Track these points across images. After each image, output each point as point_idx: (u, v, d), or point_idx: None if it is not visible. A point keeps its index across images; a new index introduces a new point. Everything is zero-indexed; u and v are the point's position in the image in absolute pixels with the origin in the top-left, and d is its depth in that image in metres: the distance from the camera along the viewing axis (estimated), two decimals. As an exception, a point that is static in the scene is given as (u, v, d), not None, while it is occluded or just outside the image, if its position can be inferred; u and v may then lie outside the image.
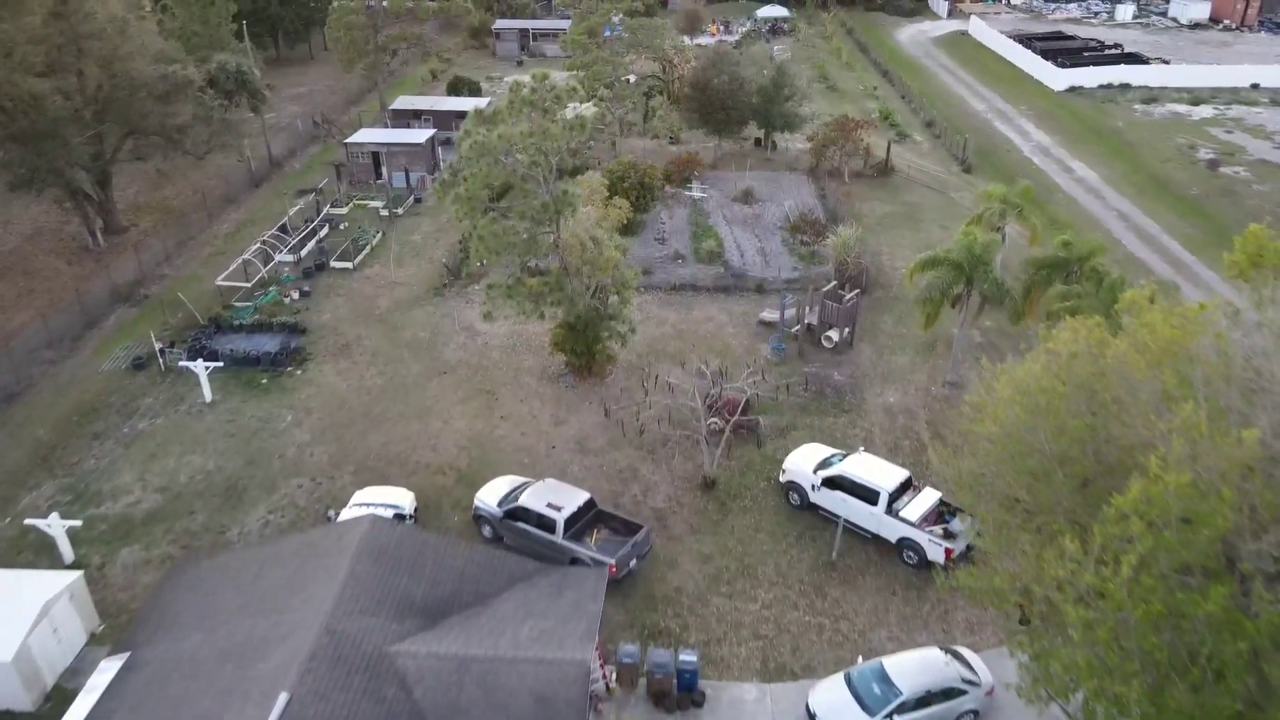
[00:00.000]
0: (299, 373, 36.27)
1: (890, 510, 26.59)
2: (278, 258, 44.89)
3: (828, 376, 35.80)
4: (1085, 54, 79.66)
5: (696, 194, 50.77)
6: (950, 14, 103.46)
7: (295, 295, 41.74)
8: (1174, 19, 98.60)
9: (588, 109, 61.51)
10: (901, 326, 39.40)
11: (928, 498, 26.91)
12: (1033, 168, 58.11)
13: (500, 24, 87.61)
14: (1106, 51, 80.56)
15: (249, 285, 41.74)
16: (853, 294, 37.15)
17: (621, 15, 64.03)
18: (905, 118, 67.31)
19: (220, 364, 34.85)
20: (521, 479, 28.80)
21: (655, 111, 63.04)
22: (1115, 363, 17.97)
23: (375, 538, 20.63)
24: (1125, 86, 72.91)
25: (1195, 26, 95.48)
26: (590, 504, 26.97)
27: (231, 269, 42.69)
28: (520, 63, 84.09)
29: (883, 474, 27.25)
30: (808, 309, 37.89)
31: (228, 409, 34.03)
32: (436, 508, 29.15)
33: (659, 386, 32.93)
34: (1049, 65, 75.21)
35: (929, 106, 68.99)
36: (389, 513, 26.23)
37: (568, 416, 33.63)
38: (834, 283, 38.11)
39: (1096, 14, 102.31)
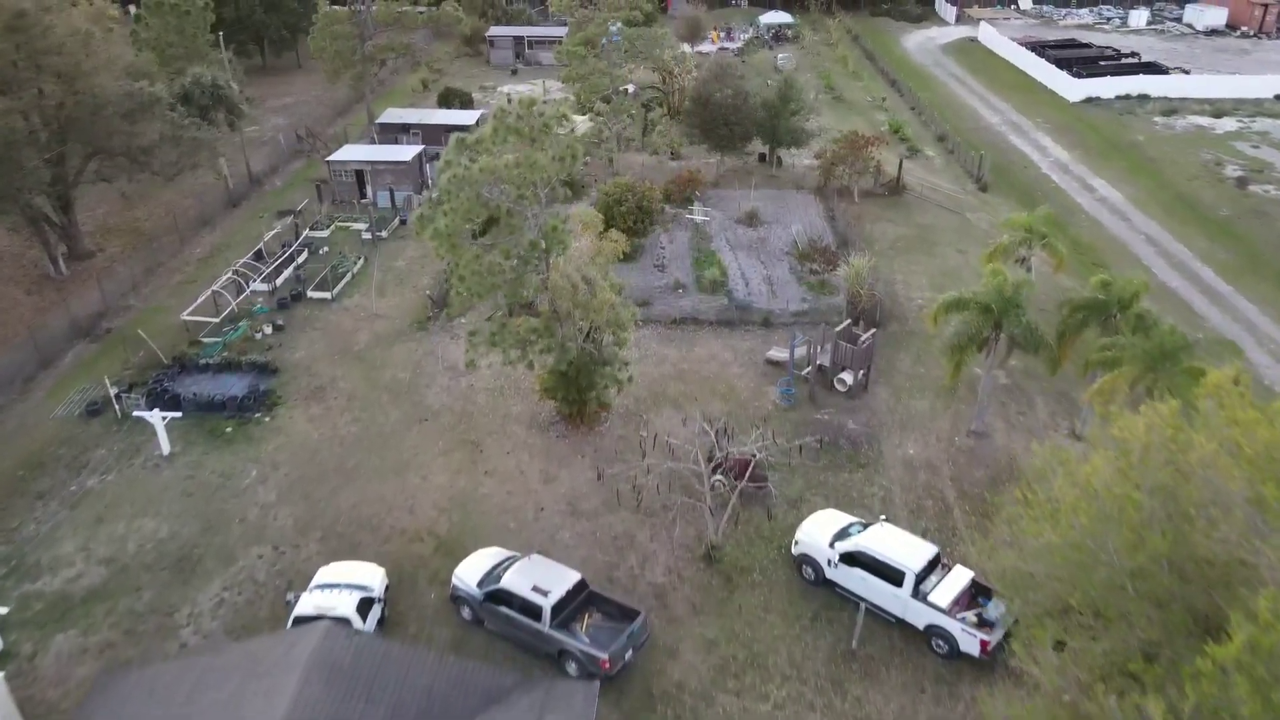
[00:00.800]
0: (268, 420, 33.39)
1: (917, 593, 23.72)
2: (251, 287, 42.05)
3: (841, 425, 32.91)
4: (1101, 63, 76.76)
5: (698, 218, 47.90)
6: (958, 19, 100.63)
7: (268, 330, 38.86)
8: (1189, 25, 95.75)
9: (583, 124, 58.81)
10: (920, 366, 36.53)
11: (959, 578, 24.04)
12: (1052, 186, 55.27)
13: (494, 31, 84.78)
14: (1123, 60, 77.60)
15: (217, 320, 38.78)
16: (868, 334, 34.27)
17: (620, 24, 61.23)
18: (916, 131, 64.45)
19: (179, 414, 31.99)
20: (506, 552, 25.93)
21: (655, 126, 60.20)
22: (1200, 466, 15.10)
23: (328, 652, 17.76)
24: (1144, 97, 70.04)
25: (1212, 33, 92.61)
26: (581, 586, 24.10)
27: (200, 301, 39.77)
28: (515, 71, 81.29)
29: (908, 550, 24.37)
30: (819, 349, 35.00)
31: (187, 463, 31.14)
32: (412, 582, 26.26)
33: (657, 446, 29.99)
34: (1064, 75, 72.36)
35: (940, 119, 66.12)
36: (354, 597, 23.38)
37: (558, 472, 30.74)
38: (848, 321, 35.21)
39: (1109, 20, 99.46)
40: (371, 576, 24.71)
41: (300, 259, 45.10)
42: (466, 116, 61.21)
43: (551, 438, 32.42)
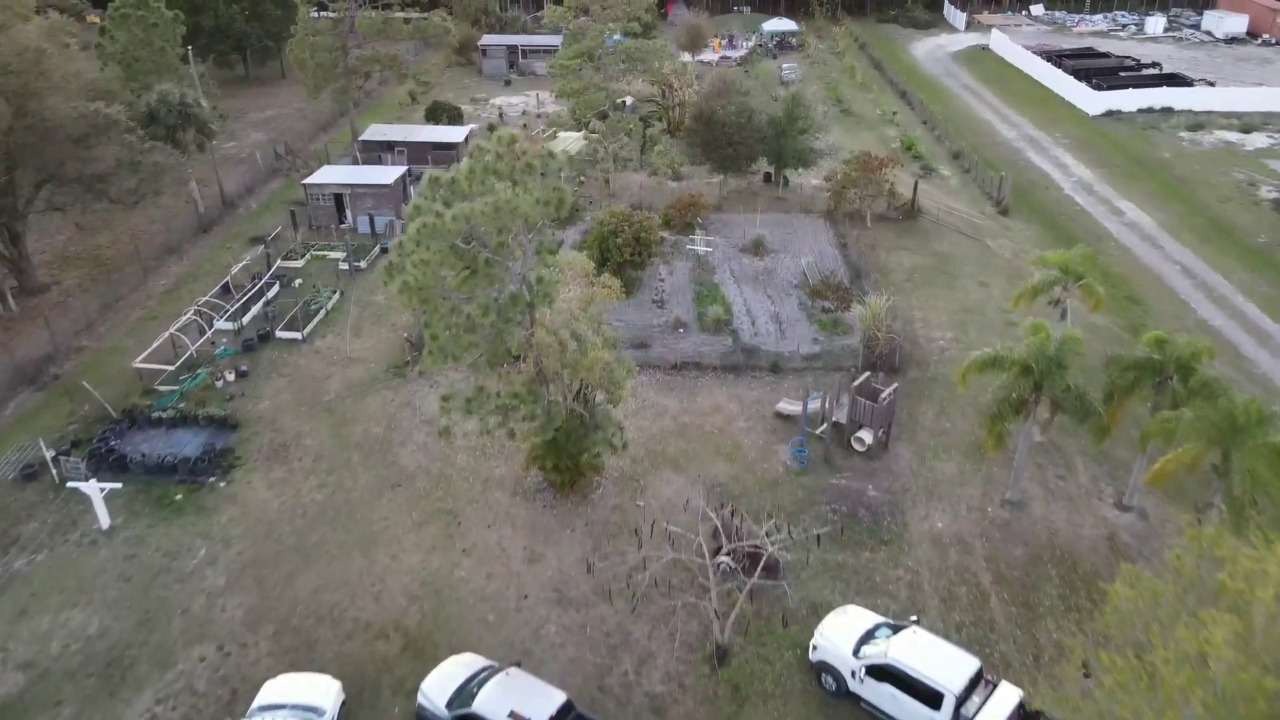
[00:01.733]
0: (223, 485, 30.04)
1: (958, 717, 20.37)
2: (216, 325, 38.75)
3: (860, 492, 29.57)
4: (1121, 74, 73.39)
5: (701, 248, 44.54)
6: (968, 26, 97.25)
7: (230, 376, 35.51)
8: (1208, 33, 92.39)
9: (577, 140, 55.48)
10: (945, 420, 33.18)
11: (1006, 700, 20.68)
12: (1076, 209, 51.90)
13: (487, 40, 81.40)
14: (1144, 71, 74.22)
15: (172, 368, 35.40)
16: (890, 390, 30.91)
17: (619, 35, 57.90)
18: (929, 148, 61.08)
19: (119, 485, 28.62)
20: (481, 661, 22.61)
21: (654, 144, 56.86)
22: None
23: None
24: (1167, 111, 66.70)
25: (1232, 41, 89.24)
26: (566, 708, 20.77)
27: (157, 344, 36.38)
28: (508, 82, 77.95)
29: (947, 666, 21.02)
30: (834, 403, 31.65)
31: (129, 538, 27.79)
32: (374, 691, 22.92)
33: (655, 533, 26.65)
34: (1083, 87, 68.98)
35: (955, 134, 62.74)
36: (302, 723, 20.05)
37: (545, 550, 27.40)
38: (865, 375, 31.84)
39: (1124, 27, 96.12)
40: (324, 694, 21.36)
41: (271, 293, 41.74)
42: (455, 133, 58.00)
43: (538, 507, 29.08)
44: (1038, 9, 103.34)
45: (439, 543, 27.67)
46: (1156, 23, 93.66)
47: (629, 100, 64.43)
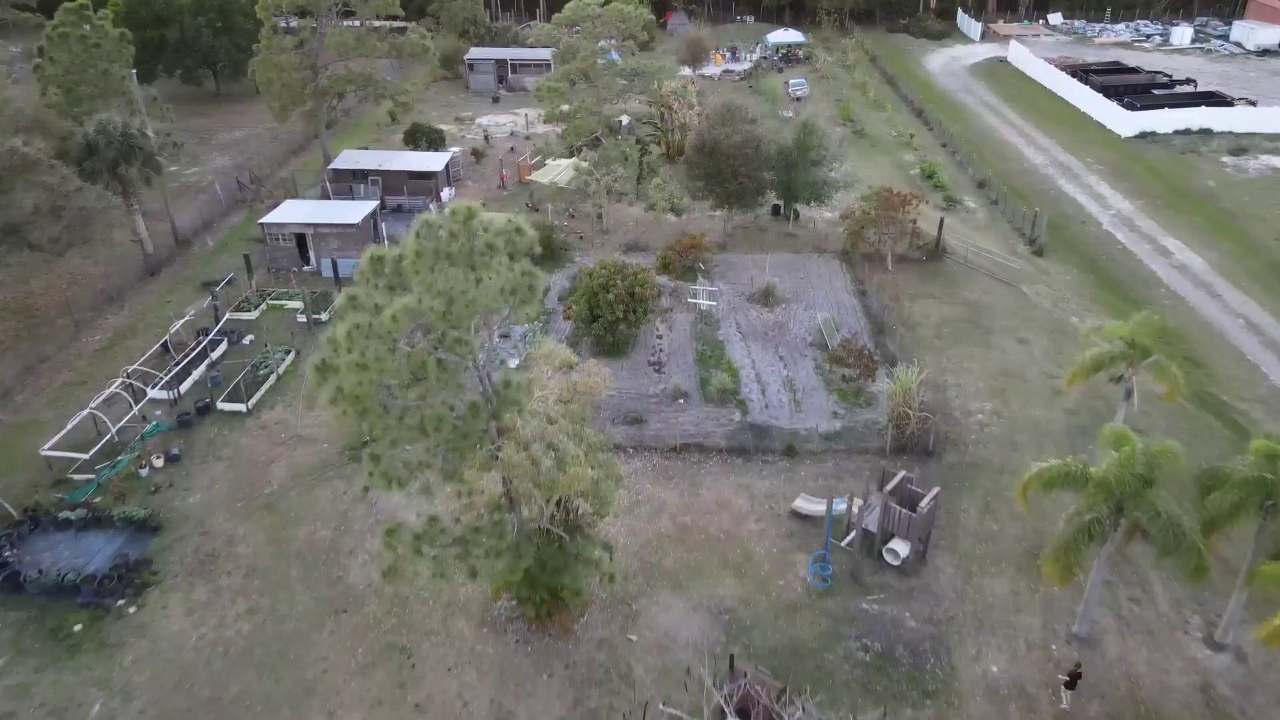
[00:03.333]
0: (133, 610, 25.14)
1: None
2: (150, 393, 33.88)
3: (898, 622, 24.65)
4: (1154, 91, 68.41)
5: (704, 302, 39.57)
6: (984, 36, 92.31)
7: (158, 462, 30.61)
8: (1238, 44, 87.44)
9: (567, 170, 50.61)
10: (991, 520, 28.26)
11: None
12: (1118, 248, 46.95)
13: (474, 54, 76.47)
14: (1179, 89, 69.23)
15: (86, 457, 30.44)
16: (931, 496, 25.98)
17: (617, 53, 53.15)
18: (951, 175, 56.13)
19: (-2, 621, 23.77)
20: None
21: (653, 172, 52.01)
22: None
23: None
24: (1206, 133, 61.74)
25: (1264, 53, 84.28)
26: None
27: (73, 425, 31.43)
28: (497, 99, 73.03)
29: None
30: (863, 505, 26.72)
31: (10, 689, 22.88)
32: None
33: (649, 715, 21.75)
34: (1114, 106, 64.02)
35: (978, 160, 57.79)
36: None
37: (515, 705, 22.49)
38: (901, 475, 26.89)
39: (1149, 37, 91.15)
40: None
41: (217, 352, 36.86)
42: (435, 160, 53.15)
43: (509, 643, 24.16)
44: (1056, 18, 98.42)
45: (387, 694, 22.74)
46: (1183, 33, 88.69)
47: (625, 120, 59.64)
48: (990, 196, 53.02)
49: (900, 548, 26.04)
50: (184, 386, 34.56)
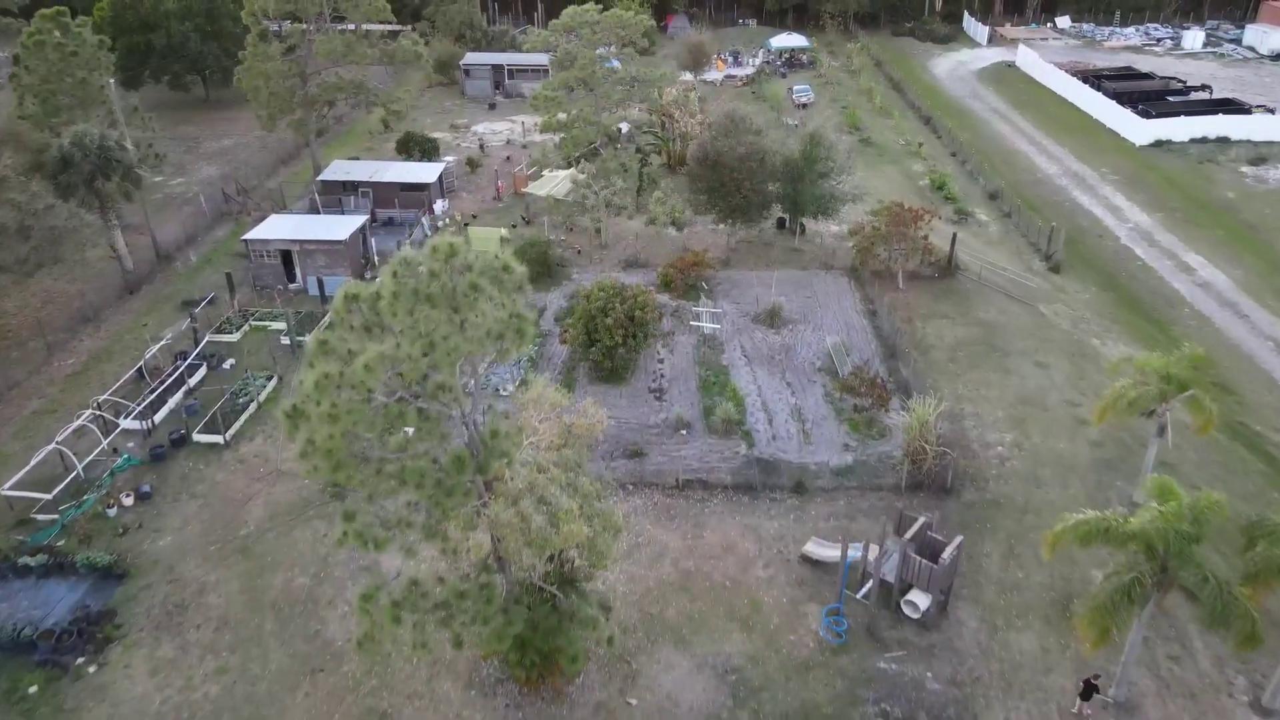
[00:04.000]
0: (93, 670, 23.30)
1: None
2: (122, 424, 32.09)
3: (918, 684, 22.81)
4: (1169, 98, 66.57)
5: (707, 325, 37.72)
6: (991, 40, 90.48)
7: (127, 500, 28.78)
8: (1250, 48, 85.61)
9: (564, 181, 48.78)
10: (1015, 566, 26.43)
11: None
12: (1137, 264, 45.11)
13: (469, 59, 74.61)
14: (1194, 95, 67.37)
15: (49, 497, 28.60)
16: (954, 545, 24.13)
17: (617, 60, 51.38)
18: (962, 185, 54.30)
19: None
20: None
21: (654, 184, 50.27)
22: None
23: None
24: (1223, 141, 59.95)
25: (1278, 58, 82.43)
26: None
27: (36, 461, 29.58)
28: (493, 106, 71.22)
29: None
30: (879, 552, 24.89)
31: (-45, 761, 21.09)
32: None
33: None
34: (1128, 113, 62.17)
35: (989, 170, 55.95)
36: None
37: (504, 780, 20.65)
38: (921, 520, 25.04)
39: (1159, 41, 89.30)
40: None
41: (195, 378, 35.04)
42: (427, 171, 51.31)
43: (499, 708, 22.33)
44: (1064, 21, 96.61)
45: (365, 767, 20.92)
46: (1195, 37, 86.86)
47: (624, 127, 57.85)
48: (1003, 209, 51.20)
49: (920, 599, 24.21)
50: (159, 416, 32.74)
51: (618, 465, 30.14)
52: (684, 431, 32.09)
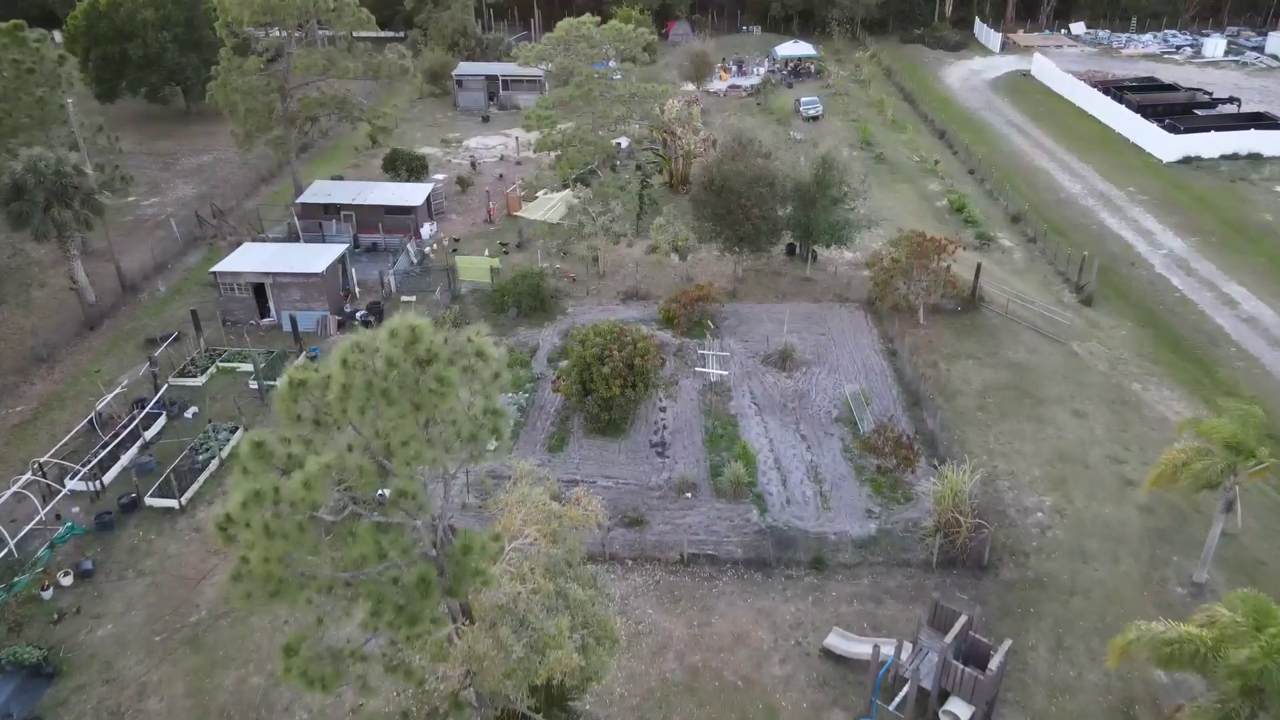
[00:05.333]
0: (9, 797, 20.25)
1: None
2: (66, 486, 29.02)
3: (963, 817, 19.71)
4: (1196, 111, 63.46)
5: (714, 372, 34.59)
6: (1004, 48, 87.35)
7: (65, 579, 25.71)
8: (1274, 56, 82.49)
9: (560, 205, 45.69)
10: (1065, 661, 23.32)
11: None
12: (1175, 296, 41.96)
13: (462, 70, 71.49)
14: (1222, 109, 64.23)
15: (-25, 580, 25.59)
16: (1002, 651, 21.01)
17: (616, 64, 48.36)
18: (982, 207, 51.18)
19: None
20: None
21: (654, 204, 47.23)
22: None
23: None
24: (1255, 158, 56.83)
25: (1303, 67, 79.37)
26: None
27: (-34, 534, 26.58)
28: (487, 119, 68.12)
29: None
30: (914, 650, 21.82)
31: None
32: None
33: None
34: (1154, 128, 59.04)
35: (1010, 189, 52.84)
36: None
37: None
38: (964, 619, 21.91)
39: (1179, 49, 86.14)
40: None
41: (153, 429, 31.97)
42: (414, 193, 48.24)
43: None
44: (1078, 28, 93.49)
45: None
46: (1216, 45, 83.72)
47: (624, 142, 54.74)
48: (1027, 233, 48.06)
49: (961, 711, 21.09)
50: (109, 476, 29.64)
51: (616, 536, 27.07)
52: (689, 495, 29.01)
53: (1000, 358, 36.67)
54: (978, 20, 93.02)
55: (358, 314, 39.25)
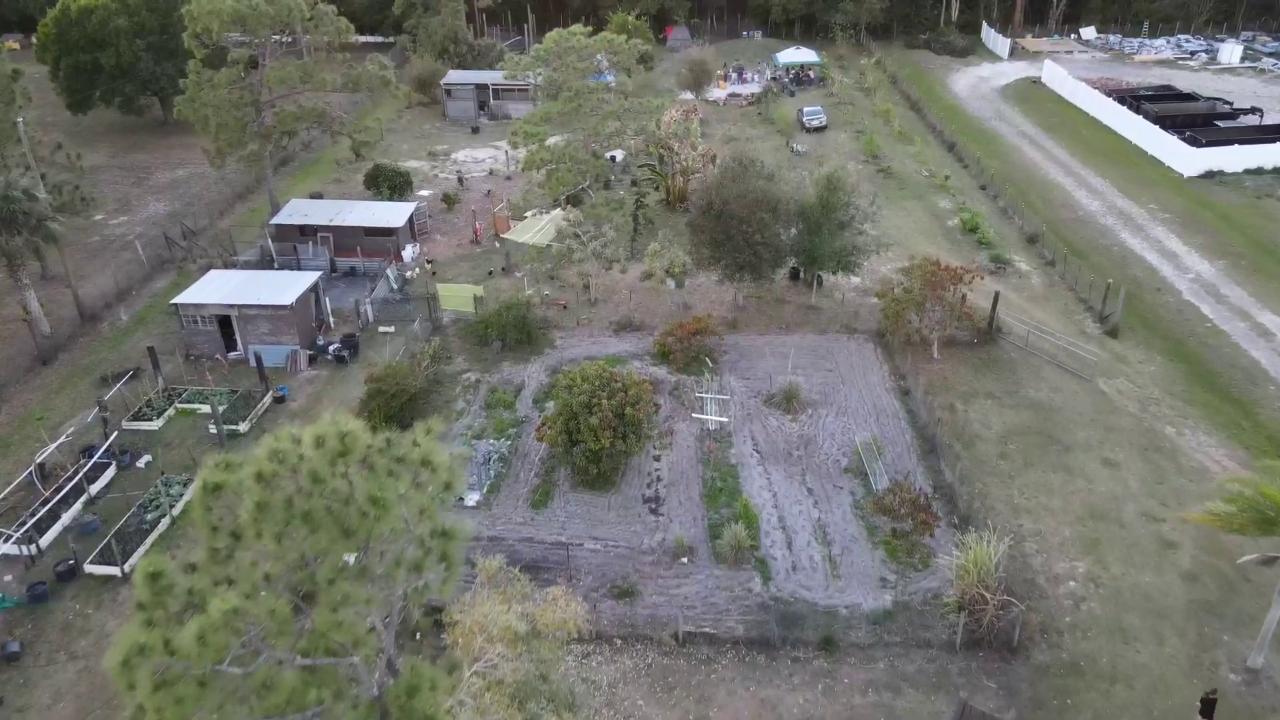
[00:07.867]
0: None
1: None
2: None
3: None
4: (1215, 121, 60.78)
5: (713, 419, 31.87)
6: (1012, 53, 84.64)
7: (-10, 664, 23.04)
8: (1292, 63, 79.81)
9: (549, 228, 43.02)
10: (1109, 765, 20.63)
11: None
12: (1206, 326, 39.28)
13: (451, 79, 68.75)
14: (1244, 120, 61.52)
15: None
16: (1043, 773, 18.34)
17: (614, 70, 45.77)
18: (996, 226, 48.50)
19: None
20: None
21: (649, 224, 44.62)
22: None
23: None
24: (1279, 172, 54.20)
25: (1323, 74, 76.63)
26: None
27: (-122, 612, 23.85)
28: (476, 130, 65.41)
29: None
30: (939, 764, 19.16)
31: None
32: None
33: None
34: (1174, 140, 56.37)
35: (1025, 206, 50.16)
36: None
37: None
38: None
39: (1194, 55, 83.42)
40: None
41: (101, 481, 29.27)
42: (395, 213, 45.53)
43: None
44: (1089, 32, 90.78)
45: None
46: (1232, 51, 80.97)
47: (618, 155, 52.10)
48: (1045, 255, 45.39)
49: (995, 835, 18.42)
50: (47, 538, 26.95)
51: (605, 610, 24.39)
52: (685, 560, 26.32)
53: (1021, 397, 33.97)
54: (985, 25, 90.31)
55: (331, 348, 36.57)
